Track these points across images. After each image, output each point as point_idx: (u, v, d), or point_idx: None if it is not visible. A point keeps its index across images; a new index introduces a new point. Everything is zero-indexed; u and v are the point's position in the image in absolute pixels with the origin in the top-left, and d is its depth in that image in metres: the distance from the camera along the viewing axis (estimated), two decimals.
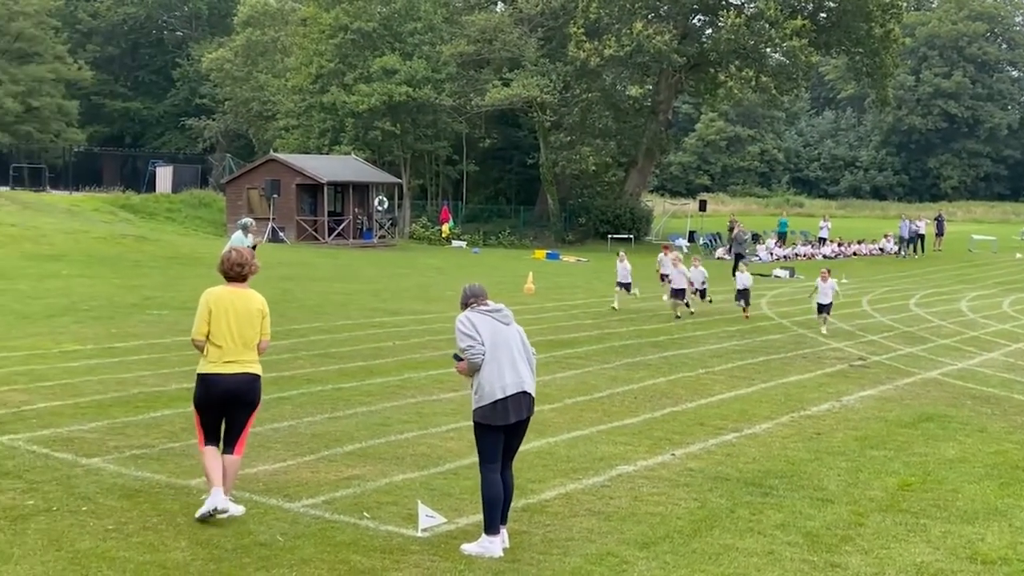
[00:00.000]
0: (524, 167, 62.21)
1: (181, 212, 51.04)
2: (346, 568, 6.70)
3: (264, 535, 7.29)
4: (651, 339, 19.08)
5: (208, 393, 7.61)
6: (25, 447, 9.53)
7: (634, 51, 50.15)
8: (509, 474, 7.44)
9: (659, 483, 9.11)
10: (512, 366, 7.25)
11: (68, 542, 6.99)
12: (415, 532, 7.44)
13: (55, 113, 73.18)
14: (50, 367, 13.95)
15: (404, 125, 55.50)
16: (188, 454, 9.53)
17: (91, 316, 19.48)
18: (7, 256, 30.85)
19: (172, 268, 31.16)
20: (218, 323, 7.63)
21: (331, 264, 36.57)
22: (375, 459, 9.63)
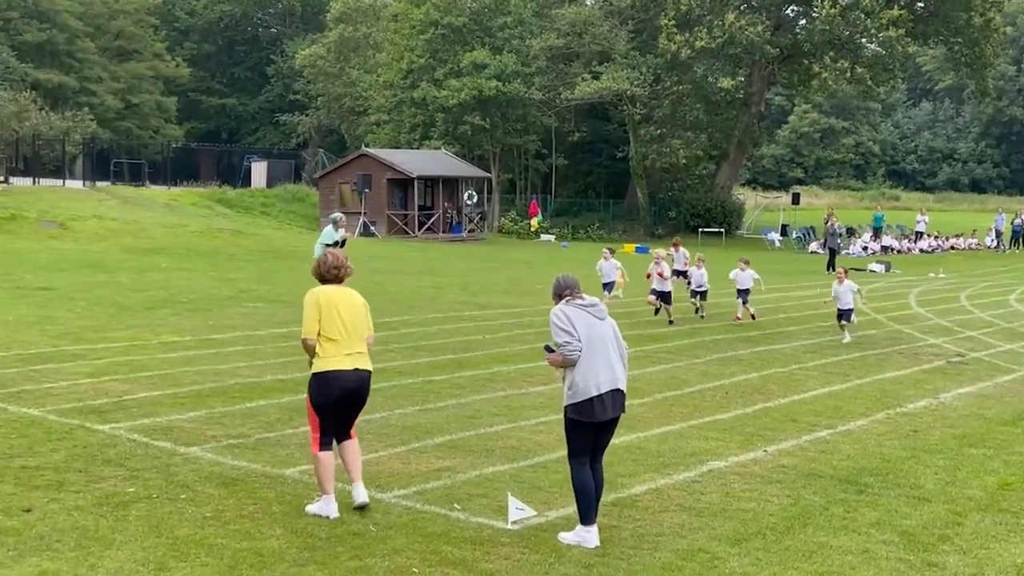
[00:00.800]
0: (613, 160, 61.97)
1: (275, 207, 51.87)
2: (437, 559, 6.76)
3: (357, 525, 7.39)
4: (742, 334, 18.88)
5: (330, 391, 7.56)
6: (126, 436, 9.79)
7: (726, 43, 49.63)
8: (599, 468, 7.43)
9: (751, 479, 9.02)
10: (607, 363, 7.22)
11: (167, 528, 7.16)
12: (505, 524, 7.47)
13: (154, 110, 74.96)
14: (150, 358, 14.30)
15: (493, 119, 55.69)
16: (283, 444, 9.70)
17: (189, 308, 19.91)
18: (108, 249, 31.70)
19: (266, 262, 31.72)
20: (329, 318, 7.59)
21: (421, 258, 36.88)
22: (465, 451, 9.69)
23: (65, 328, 16.77)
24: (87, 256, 29.72)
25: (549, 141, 59.59)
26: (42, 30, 69.18)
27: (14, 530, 7.00)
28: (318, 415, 7.62)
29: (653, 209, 57.53)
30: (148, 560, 6.53)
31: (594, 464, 7.36)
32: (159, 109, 75.74)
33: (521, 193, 61.42)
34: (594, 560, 6.87)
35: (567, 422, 7.29)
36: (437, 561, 6.72)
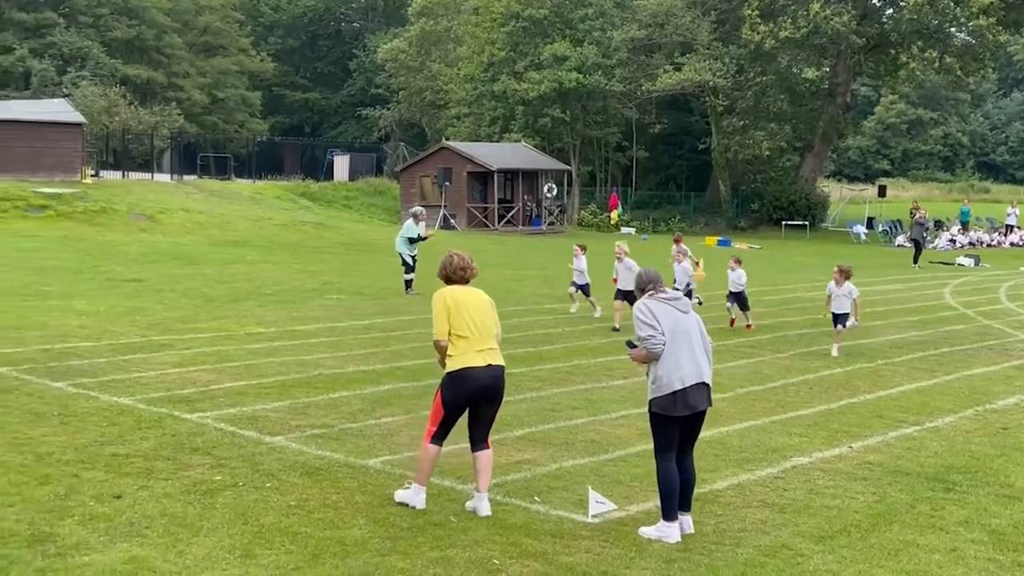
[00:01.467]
0: (695, 153, 61.47)
1: (357, 200, 52.41)
2: (517, 551, 6.78)
3: (438, 515, 7.44)
4: (827, 328, 18.59)
5: (464, 390, 7.50)
6: (213, 425, 9.97)
7: (811, 33, 48.92)
8: (690, 462, 7.38)
9: (835, 476, 8.89)
10: (691, 356, 7.18)
11: (253, 516, 7.28)
12: (585, 518, 7.47)
13: (239, 104, 76.16)
14: (236, 348, 14.55)
15: (574, 112, 55.57)
16: (365, 434, 9.80)
17: (273, 300, 20.21)
18: (195, 242, 32.31)
19: (349, 254, 32.06)
20: (459, 316, 7.54)
21: (501, 251, 36.96)
22: (545, 444, 9.70)
23: (154, 319, 17.13)
24: (175, 248, 30.32)
25: (630, 133, 59.32)
26: (131, 26, 70.66)
27: (105, 516, 7.17)
28: (445, 412, 7.58)
29: (735, 202, 56.97)
30: (234, 547, 6.65)
31: (684, 459, 7.31)
32: (244, 103, 76.94)
33: (601, 186, 61.24)
34: (675, 555, 6.83)
35: (652, 417, 7.25)
36: (517, 553, 6.73)
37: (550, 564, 6.56)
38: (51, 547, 6.53)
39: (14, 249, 27.56)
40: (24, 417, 10.00)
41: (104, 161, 52.05)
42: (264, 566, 6.32)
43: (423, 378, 12.62)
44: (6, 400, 10.70)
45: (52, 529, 6.86)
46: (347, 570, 6.31)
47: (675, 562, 6.70)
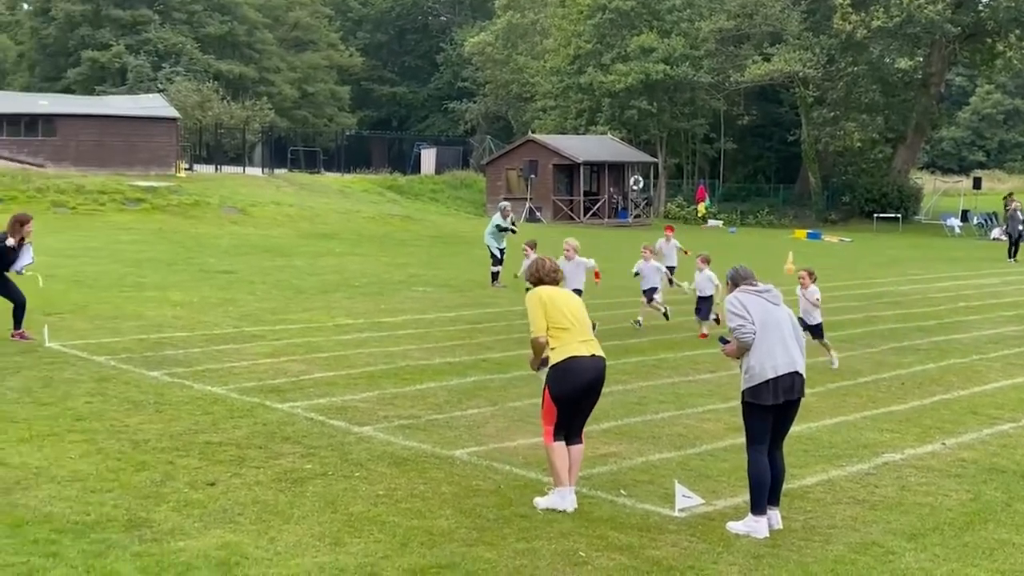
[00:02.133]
0: (784, 144, 60.67)
1: (443, 193, 52.73)
2: (603, 543, 6.77)
3: (524, 507, 7.47)
4: (918, 323, 18.25)
5: (572, 381, 7.40)
6: (303, 414, 10.13)
7: (904, 21, 47.93)
8: (779, 456, 7.31)
9: (928, 473, 8.72)
10: (783, 346, 7.12)
11: (342, 505, 7.39)
12: (672, 512, 7.43)
13: (328, 98, 77.12)
14: (325, 339, 14.75)
15: (661, 103, 55.23)
16: (452, 425, 9.88)
17: (361, 292, 20.44)
18: (286, 235, 32.82)
19: (435, 247, 32.29)
20: (556, 311, 7.50)
21: (586, 244, 36.81)
22: (631, 437, 9.67)
23: (245, 310, 17.45)
24: (266, 241, 30.83)
25: (717, 125, 58.77)
26: (223, 22, 72.00)
27: (199, 502, 7.33)
28: (557, 407, 7.45)
29: (826, 194, 56.10)
30: (324, 535, 6.75)
31: (774, 452, 7.25)
32: (333, 98, 77.90)
33: (688, 178, 60.78)
34: (764, 551, 6.77)
35: (744, 407, 7.20)
36: (604, 546, 6.73)
37: (636, 558, 6.54)
38: (147, 532, 6.70)
39: (112, 241, 28.28)
40: (122, 405, 10.27)
41: (197, 155, 53.14)
42: (353, 554, 6.41)
43: (509, 370, 12.67)
44: (104, 388, 10.99)
45: (148, 515, 7.04)
46: (434, 559, 6.37)
47: (763, 558, 6.64)
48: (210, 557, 6.26)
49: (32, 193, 35.16)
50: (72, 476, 7.85)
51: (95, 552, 6.29)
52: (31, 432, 9.08)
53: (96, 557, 6.21)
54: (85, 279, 20.57)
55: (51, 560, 6.13)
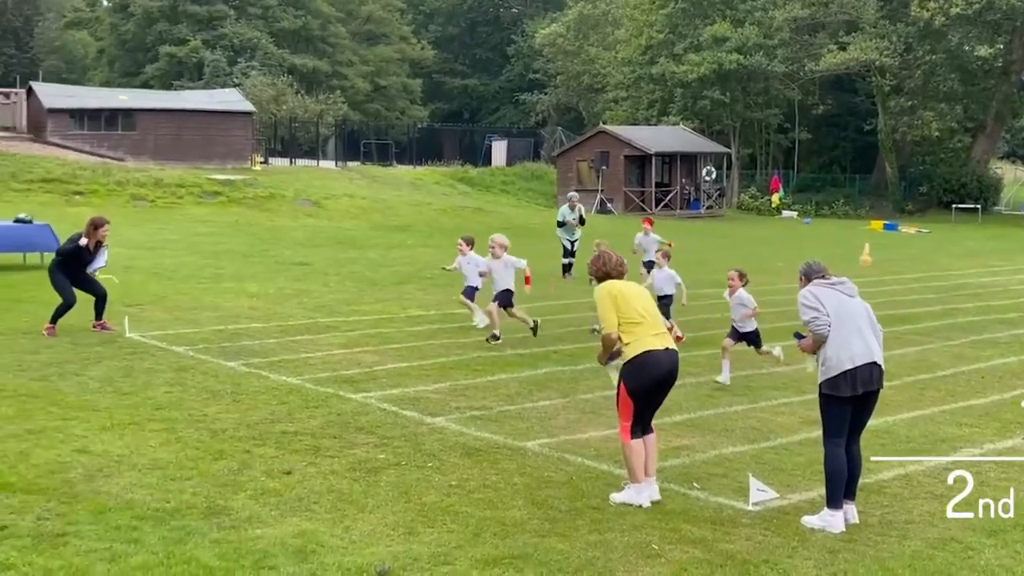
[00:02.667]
0: (860, 134, 59.71)
1: (515, 184, 52.77)
2: (676, 536, 6.75)
3: (596, 499, 7.47)
4: (999, 315, 17.88)
5: (649, 375, 7.38)
6: (377, 404, 10.23)
7: (984, 8, 46.92)
8: (856, 449, 7.23)
9: (1008, 468, 8.55)
10: (860, 336, 7.03)
11: (415, 495, 7.45)
12: (746, 505, 7.38)
13: (400, 91, 77.58)
14: (397, 330, 14.87)
15: (734, 93, 54.71)
16: (523, 417, 9.90)
17: (433, 284, 20.55)
18: (359, 227, 33.10)
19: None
20: (627, 305, 7.48)
21: (658, 235, 36.63)
22: (704, 430, 9.61)
23: (320, 301, 17.65)
24: (339, 233, 31.14)
25: (792, 115, 58.04)
26: (297, 17, 72.77)
27: (276, 491, 7.44)
28: (634, 401, 7.41)
29: (903, 184, 55.17)
30: (398, 524, 6.81)
31: (850, 445, 7.16)
32: (405, 91, 78.35)
33: (762, 168, 60.13)
34: (839, 546, 6.69)
35: (822, 399, 7.12)
36: (676, 539, 6.71)
37: (710, 551, 6.51)
38: (225, 520, 6.82)
39: (189, 233, 28.77)
40: (200, 395, 10.45)
41: (272, 148, 53.81)
42: (427, 543, 6.47)
43: (580, 362, 12.66)
44: (183, 378, 11.20)
45: (226, 502, 7.16)
46: (507, 550, 6.39)
47: (839, 552, 6.57)
48: (287, 544, 6.36)
49: (112, 187, 35.89)
50: (152, 464, 8.01)
51: (175, 539, 6.42)
52: (112, 421, 9.28)
53: (176, 544, 6.33)
54: (164, 271, 20.95)
55: (133, 546, 6.27)
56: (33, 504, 7.02)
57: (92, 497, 7.18)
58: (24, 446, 8.39)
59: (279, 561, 6.09)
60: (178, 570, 5.88)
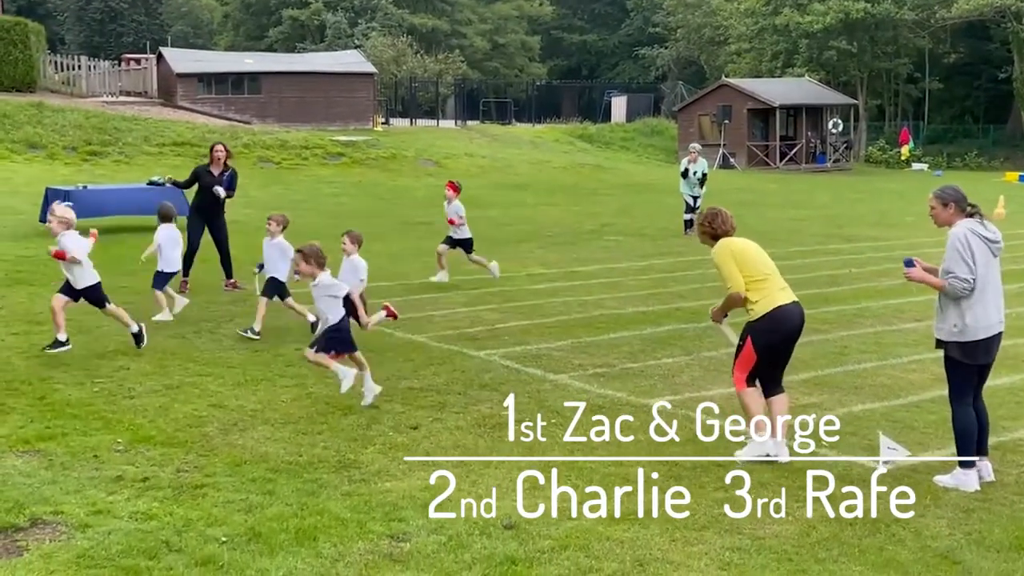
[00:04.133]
0: (994, 83, 57.47)
1: (634, 141, 52.29)
2: (804, 494, 6.66)
3: (720, 455, 7.41)
4: None
5: (782, 330, 7.34)
6: (500, 362, 10.32)
7: None
8: (982, 404, 7.03)
9: None
10: (996, 304, 6.76)
11: (540, 450, 7.51)
12: (876, 464, 7.24)
13: (519, 49, 77.36)
14: (518, 288, 14.95)
15: (861, 43, 53.15)
16: (646, 375, 9.88)
17: (553, 242, 20.57)
18: (480, 186, 33.20)
19: (626, 196, 32.13)
20: (749, 262, 7.40)
21: (783, 190, 36.03)
22: (833, 388, 9.46)
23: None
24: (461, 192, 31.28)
25: (922, 64, 56.17)
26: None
27: (403, 446, 7.59)
28: (760, 357, 7.36)
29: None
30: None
31: (976, 402, 6.96)
32: (523, 48, 78.10)
33: (890, 120, 58.41)
34: (974, 505, 6.54)
35: (950, 363, 6.89)
36: (804, 497, 6.62)
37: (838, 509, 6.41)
38: (356, 473, 6.98)
39: (315, 194, 29.31)
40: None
41: (393, 109, 54.30)
42: (551, 498, 6.51)
43: (703, 319, 12.51)
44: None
45: (356, 456, 7.33)
46: (631, 506, 6.40)
47: (973, 512, 6.42)
48: (415, 498, 6.49)
49: (240, 149, 36.64)
50: (285, 419, 8.24)
51: (308, 491, 6.60)
52: (246, 377, 9.57)
53: (309, 496, 6.52)
54: (290, 231, 21.35)
55: (268, 498, 6.47)
56: (173, 457, 7.30)
57: (228, 450, 7.42)
58: (163, 401, 8.72)
59: (408, 514, 6.22)
60: (312, 521, 6.06)
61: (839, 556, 5.69)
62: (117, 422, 8.09)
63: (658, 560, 5.59)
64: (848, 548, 5.81)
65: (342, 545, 5.73)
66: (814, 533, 6.03)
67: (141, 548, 5.62)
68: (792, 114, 49.46)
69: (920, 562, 5.76)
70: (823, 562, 5.61)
